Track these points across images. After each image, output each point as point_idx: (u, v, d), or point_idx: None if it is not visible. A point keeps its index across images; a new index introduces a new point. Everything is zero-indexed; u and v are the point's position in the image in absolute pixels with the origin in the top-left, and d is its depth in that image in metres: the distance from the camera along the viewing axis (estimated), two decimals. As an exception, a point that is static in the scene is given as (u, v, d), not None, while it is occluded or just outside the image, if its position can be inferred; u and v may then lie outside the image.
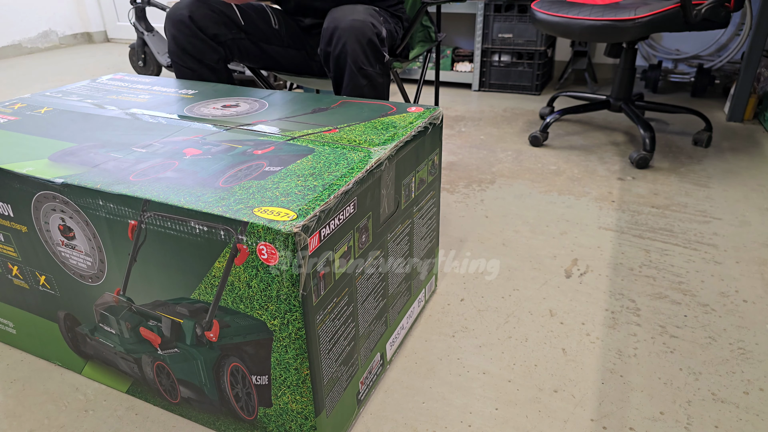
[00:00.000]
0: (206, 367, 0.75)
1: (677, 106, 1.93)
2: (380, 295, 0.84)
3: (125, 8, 4.07)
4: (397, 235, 0.86)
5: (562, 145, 1.92)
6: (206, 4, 1.18)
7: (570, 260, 1.23)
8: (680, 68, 2.57)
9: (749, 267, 1.18)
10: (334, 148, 0.78)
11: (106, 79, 1.22)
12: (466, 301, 1.10)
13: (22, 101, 1.06)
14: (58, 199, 0.73)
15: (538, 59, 2.46)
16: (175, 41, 1.17)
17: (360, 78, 1.07)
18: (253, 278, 0.63)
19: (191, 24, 1.15)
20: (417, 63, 2.71)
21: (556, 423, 0.82)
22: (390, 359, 0.94)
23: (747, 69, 1.97)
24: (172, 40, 1.18)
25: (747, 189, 1.54)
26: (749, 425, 0.81)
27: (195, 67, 1.20)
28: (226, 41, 1.21)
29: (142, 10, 2.88)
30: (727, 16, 1.56)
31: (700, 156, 1.78)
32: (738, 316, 1.03)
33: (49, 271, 0.83)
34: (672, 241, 1.29)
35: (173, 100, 1.03)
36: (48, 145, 0.83)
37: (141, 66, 3.00)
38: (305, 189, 0.66)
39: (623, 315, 1.05)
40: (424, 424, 0.83)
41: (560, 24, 1.72)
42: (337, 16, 1.07)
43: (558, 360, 0.94)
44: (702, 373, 0.91)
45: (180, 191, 0.66)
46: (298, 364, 0.67)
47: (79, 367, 0.92)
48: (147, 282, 0.73)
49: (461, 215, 1.44)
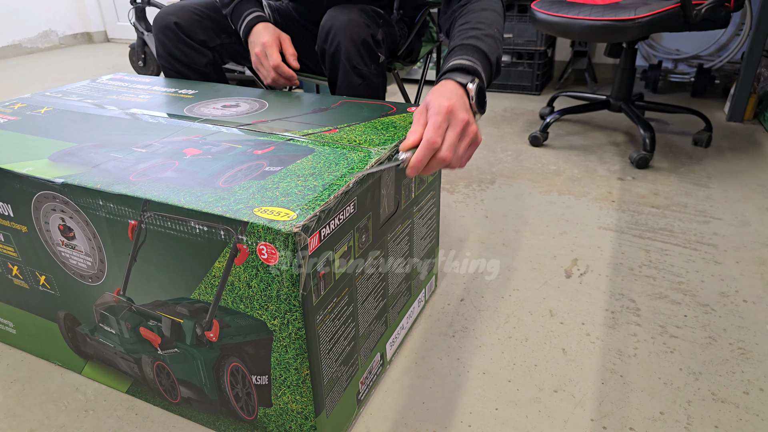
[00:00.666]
0: (206, 367, 0.75)
1: (677, 106, 1.93)
2: (380, 295, 0.84)
3: (125, 8, 4.07)
4: (397, 235, 0.86)
5: (562, 145, 1.92)
6: (193, 9, 1.18)
7: (570, 260, 1.23)
8: (680, 68, 2.57)
9: (749, 267, 1.18)
10: (334, 148, 0.78)
11: (106, 79, 1.22)
12: (466, 301, 1.10)
13: (22, 101, 1.06)
14: (58, 199, 0.73)
15: (538, 59, 2.46)
16: (163, 46, 1.18)
17: (354, 77, 1.08)
18: (253, 278, 0.63)
19: (177, 30, 1.15)
20: (418, 63, 2.72)
21: (556, 423, 0.82)
22: (390, 359, 0.94)
23: (747, 69, 1.97)
24: (159, 45, 1.18)
25: (747, 189, 1.54)
26: (749, 425, 0.81)
27: (184, 71, 1.21)
28: (214, 46, 1.21)
29: (142, 10, 2.87)
30: (727, 16, 1.56)
31: (700, 156, 1.78)
32: (738, 316, 1.03)
33: (49, 271, 0.83)
34: (672, 241, 1.29)
35: (173, 100, 1.03)
36: (48, 145, 0.83)
37: (141, 66, 3.00)
38: (305, 189, 0.66)
39: (623, 315, 1.05)
40: (424, 424, 0.83)
41: (560, 24, 1.72)
42: (335, 14, 1.07)
43: (558, 360, 0.94)
44: (702, 373, 0.91)
45: (180, 191, 0.66)
46: (298, 364, 0.67)
47: (79, 367, 0.93)
48: (147, 282, 0.73)
49: (461, 215, 1.44)
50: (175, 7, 1.18)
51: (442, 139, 0.67)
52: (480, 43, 0.82)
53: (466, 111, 0.71)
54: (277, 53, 1.08)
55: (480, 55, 0.81)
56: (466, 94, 0.74)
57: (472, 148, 0.72)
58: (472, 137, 0.71)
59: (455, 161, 0.69)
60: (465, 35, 0.84)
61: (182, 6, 1.19)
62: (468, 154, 0.72)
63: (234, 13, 1.14)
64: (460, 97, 0.72)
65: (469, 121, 0.70)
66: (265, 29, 1.10)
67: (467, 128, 0.70)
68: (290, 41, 1.11)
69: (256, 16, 1.12)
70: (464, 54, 0.80)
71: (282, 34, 1.11)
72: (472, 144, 0.72)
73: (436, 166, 0.68)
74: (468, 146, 0.71)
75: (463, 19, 0.89)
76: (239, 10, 1.13)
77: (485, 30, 0.85)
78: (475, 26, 0.86)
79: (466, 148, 0.70)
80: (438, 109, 0.68)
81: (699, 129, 1.94)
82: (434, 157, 0.67)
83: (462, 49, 0.81)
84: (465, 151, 0.71)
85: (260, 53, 1.09)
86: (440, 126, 0.68)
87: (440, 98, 0.70)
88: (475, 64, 0.78)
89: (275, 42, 1.09)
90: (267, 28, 1.10)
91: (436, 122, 0.67)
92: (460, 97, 0.72)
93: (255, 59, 1.11)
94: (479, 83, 0.76)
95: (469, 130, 0.70)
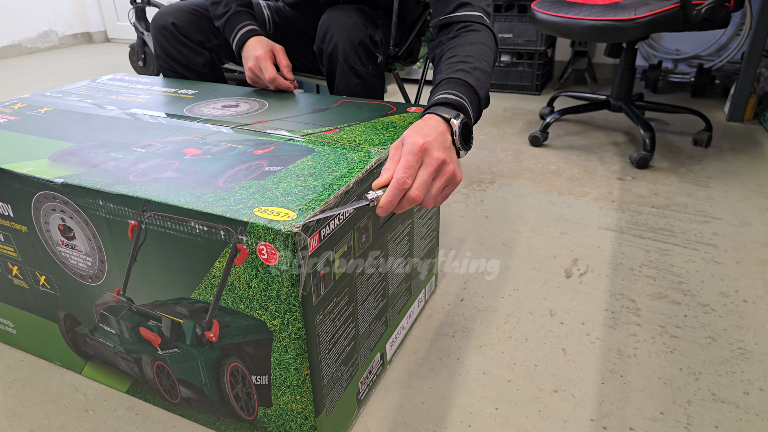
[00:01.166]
0: (206, 367, 0.75)
1: (677, 106, 1.93)
2: (380, 295, 0.84)
3: (125, 8, 4.07)
4: (397, 235, 0.86)
5: (562, 145, 1.92)
6: (190, 10, 1.18)
7: (570, 260, 1.23)
8: (680, 68, 2.57)
9: (749, 267, 1.18)
10: (334, 148, 0.78)
11: (106, 79, 1.22)
12: (466, 301, 1.10)
13: (22, 101, 1.06)
14: (58, 199, 0.73)
15: (538, 59, 2.46)
16: (161, 46, 1.18)
17: (352, 77, 1.08)
18: (253, 278, 0.63)
19: (174, 30, 1.16)
20: (418, 63, 2.71)
21: (556, 423, 0.82)
22: (390, 359, 0.94)
23: (747, 69, 1.97)
24: (157, 46, 1.18)
25: (747, 189, 1.54)
26: (749, 425, 0.81)
27: (181, 71, 1.21)
28: (212, 46, 1.21)
29: (142, 10, 2.88)
30: (727, 16, 1.56)
31: (700, 156, 1.78)
32: (738, 316, 1.03)
33: (49, 271, 0.83)
34: (672, 241, 1.29)
35: (173, 100, 1.03)
36: (48, 145, 0.83)
37: (141, 66, 3.00)
38: (305, 189, 0.66)
39: (623, 315, 1.05)
40: (424, 424, 0.83)
41: (560, 24, 1.72)
42: (332, 15, 1.07)
43: (558, 360, 0.94)
44: (702, 373, 0.91)
45: (180, 191, 0.66)
46: (298, 364, 0.67)
47: (79, 367, 0.93)
48: (147, 282, 0.73)
49: (461, 215, 1.44)
50: (173, 8, 1.19)
51: (413, 180, 0.64)
52: (468, 77, 0.78)
53: (442, 149, 0.66)
54: (271, 66, 1.07)
55: (467, 90, 0.77)
56: (450, 129, 0.70)
57: (448, 188, 0.68)
58: (449, 177, 0.67)
59: (428, 201, 0.66)
60: (452, 69, 0.80)
61: (180, 6, 1.19)
62: (444, 194, 0.68)
63: (227, 26, 1.13)
64: (439, 135, 0.67)
65: (445, 160, 0.66)
66: (258, 43, 1.09)
67: (442, 168, 0.66)
68: (284, 52, 1.10)
69: (249, 30, 1.11)
70: (450, 88, 0.76)
71: (275, 46, 1.10)
72: (449, 184, 0.68)
73: (407, 205, 0.64)
74: (443, 186, 0.67)
75: (452, 52, 0.84)
76: (232, 23, 1.12)
77: (474, 63, 0.81)
78: (463, 59, 0.81)
79: (440, 188, 0.66)
80: (411, 147, 0.64)
81: (699, 129, 1.94)
82: (405, 197, 0.64)
83: (449, 83, 0.78)
84: (439, 191, 0.66)
85: (254, 67, 1.08)
86: (411, 166, 0.64)
87: (416, 135, 0.66)
88: (462, 99, 0.75)
89: (268, 55, 1.07)
90: (260, 42, 1.09)
91: (408, 161, 0.64)
92: (440, 134, 0.68)
93: (249, 74, 1.10)
94: (464, 119, 0.72)
95: (445, 170, 0.66)
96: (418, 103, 1.04)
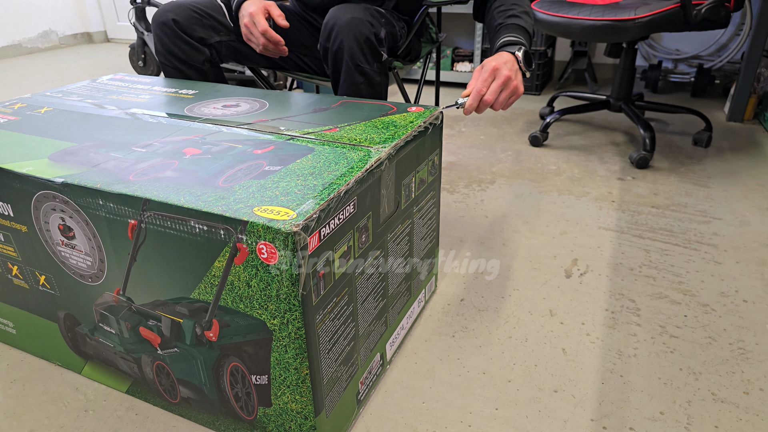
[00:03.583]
0: (206, 366, 0.75)
1: (677, 106, 1.93)
2: (380, 295, 0.84)
3: (125, 8, 4.07)
4: (397, 235, 0.86)
5: (562, 145, 1.92)
6: (191, 7, 1.19)
7: (570, 260, 1.23)
8: (680, 68, 2.57)
9: (749, 267, 1.18)
10: (334, 148, 0.78)
11: (106, 79, 1.22)
12: (466, 301, 1.10)
13: (22, 101, 1.06)
14: (58, 199, 0.73)
15: (538, 59, 2.46)
16: (161, 43, 1.18)
17: (357, 75, 1.08)
18: (252, 278, 0.63)
19: (175, 27, 1.16)
20: (417, 63, 2.72)
21: (556, 423, 0.82)
22: (390, 359, 0.94)
23: (747, 69, 1.97)
24: (158, 42, 1.19)
25: (747, 189, 1.54)
26: (749, 425, 0.81)
27: (182, 68, 1.21)
28: (213, 44, 1.22)
29: (142, 10, 2.88)
30: (727, 16, 1.56)
31: (700, 156, 1.78)
32: (738, 316, 1.03)
33: (49, 270, 0.83)
34: (672, 241, 1.29)
35: (173, 100, 1.03)
36: (48, 145, 0.83)
37: (141, 66, 3.00)
38: (305, 188, 0.66)
39: (623, 315, 1.05)
40: (424, 424, 0.83)
41: (560, 24, 1.72)
42: (338, 12, 1.07)
43: (558, 360, 0.94)
44: (702, 373, 0.91)
45: (180, 191, 0.66)
46: (297, 364, 0.67)
47: (79, 367, 0.92)
48: (147, 282, 0.73)
49: (461, 215, 1.44)
50: (174, 5, 1.19)
51: (488, 89, 0.93)
52: (519, 20, 1.07)
53: (509, 70, 0.94)
54: (263, 20, 1.12)
55: (521, 31, 1.05)
56: (515, 59, 0.97)
57: (513, 98, 0.95)
58: (513, 89, 0.94)
59: (497, 105, 0.94)
60: (505, 15, 1.08)
61: (181, 3, 1.19)
62: (510, 101, 0.95)
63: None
64: (506, 61, 0.95)
65: (510, 77, 0.93)
66: (252, 2, 1.14)
67: (509, 83, 0.94)
68: (276, 5, 1.16)
69: None
70: (509, 32, 1.04)
71: (269, 2, 1.15)
72: (513, 94, 0.95)
73: (483, 108, 0.94)
74: (509, 95, 0.94)
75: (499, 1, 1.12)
76: None
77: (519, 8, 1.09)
78: (510, 7, 1.09)
79: (507, 96, 0.94)
80: (487, 68, 0.94)
81: (699, 129, 1.94)
82: (481, 101, 0.93)
83: (507, 29, 1.05)
84: (506, 99, 0.94)
85: (248, 23, 1.12)
86: (486, 80, 0.93)
87: (491, 62, 0.95)
88: (520, 39, 1.02)
89: (261, 10, 1.12)
90: (254, 1, 1.14)
91: (485, 77, 0.93)
92: (507, 60, 0.95)
93: (244, 30, 1.14)
94: (525, 50, 1.00)
95: (510, 84, 0.94)
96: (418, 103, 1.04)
